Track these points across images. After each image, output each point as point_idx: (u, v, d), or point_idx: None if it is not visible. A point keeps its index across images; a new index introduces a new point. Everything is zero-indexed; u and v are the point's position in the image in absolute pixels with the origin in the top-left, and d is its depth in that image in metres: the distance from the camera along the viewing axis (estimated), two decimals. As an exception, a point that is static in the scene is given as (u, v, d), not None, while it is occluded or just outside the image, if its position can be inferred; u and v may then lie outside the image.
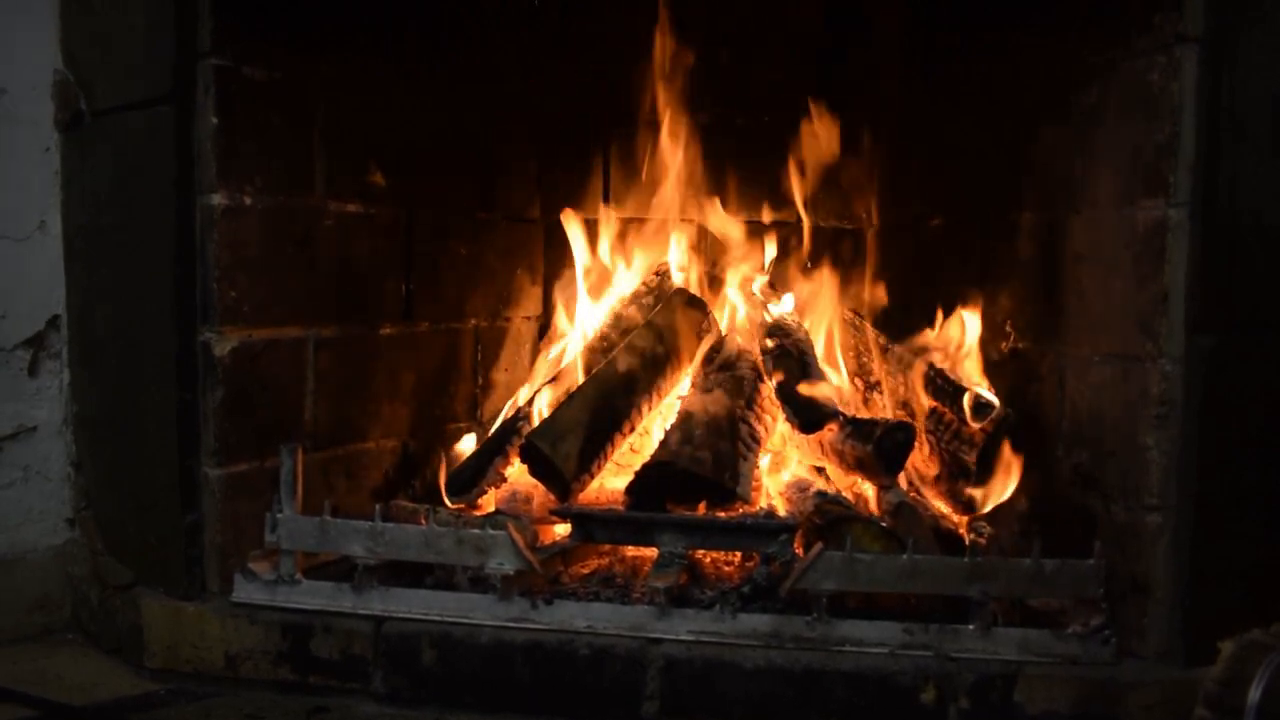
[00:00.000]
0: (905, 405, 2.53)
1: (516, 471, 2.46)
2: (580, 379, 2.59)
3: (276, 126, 2.15)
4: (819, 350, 2.63)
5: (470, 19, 2.62)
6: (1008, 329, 2.35)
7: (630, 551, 2.28)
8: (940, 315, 2.53)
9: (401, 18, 2.40)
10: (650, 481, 2.26)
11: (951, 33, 2.55)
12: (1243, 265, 1.82)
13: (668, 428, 2.43)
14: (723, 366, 2.58)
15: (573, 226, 2.89)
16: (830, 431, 2.39)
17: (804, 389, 2.37)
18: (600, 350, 2.74)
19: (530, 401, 2.60)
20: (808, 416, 2.36)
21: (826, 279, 2.84)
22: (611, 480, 2.55)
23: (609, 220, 3.00)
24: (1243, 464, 1.83)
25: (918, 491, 2.43)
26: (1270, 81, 1.80)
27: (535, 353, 2.97)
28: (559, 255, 3.00)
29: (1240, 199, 1.81)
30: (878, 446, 2.27)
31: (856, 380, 2.73)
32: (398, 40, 2.41)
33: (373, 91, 2.37)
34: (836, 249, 2.91)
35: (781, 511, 2.30)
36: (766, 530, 2.05)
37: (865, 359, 2.74)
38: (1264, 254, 1.82)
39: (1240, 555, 1.83)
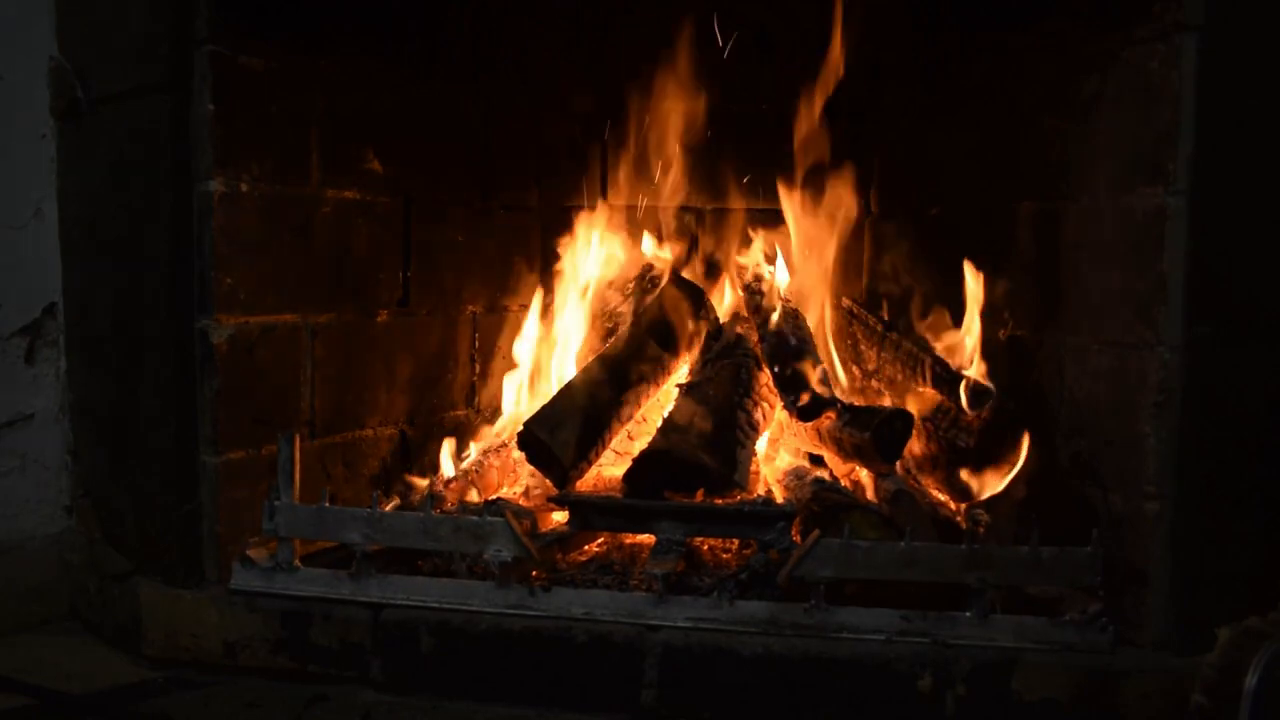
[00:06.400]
0: (903, 393, 2.53)
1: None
2: (578, 367, 2.59)
3: (274, 115, 2.15)
4: (817, 338, 2.63)
5: (468, 12, 2.60)
6: (1006, 317, 2.35)
7: (628, 539, 2.29)
8: (938, 303, 2.53)
9: (400, 11, 2.39)
10: (648, 469, 2.25)
11: (952, 32, 2.54)
12: (1242, 253, 1.82)
13: (666, 415, 2.43)
14: (721, 354, 2.58)
15: (569, 216, 2.89)
16: (828, 419, 2.39)
17: (802, 377, 2.37)
18: (598, 338, 2.74)
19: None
20: (806, 404, 2.36)
21: (825, 267, 2.83)
22: (610, 468, 2.55)
23: (607, 208, 2.99)
24: (1241, 453, 1.83)
25: (915, 479, 2.43)
26: (1270, 70, 1.80)
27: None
28: (557, 244, 2.99)
29: (1239, 187, 1.81)
30: (875, 434, 2.27)
31: (854, 368, 2.73)
32: (396, 32, 2.40)
33: (371, 81, 2.36)
34: (834, 237, 2.90)
35: (779, 499, 2.30)
36: (764, 518, 2.05)
37: (863, 347, 2.74)
38: (1263, 242, 1.82)
39: (1238, 544, 1.84)
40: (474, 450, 2.57)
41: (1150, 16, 1.86)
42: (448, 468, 2.48)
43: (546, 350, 2.83)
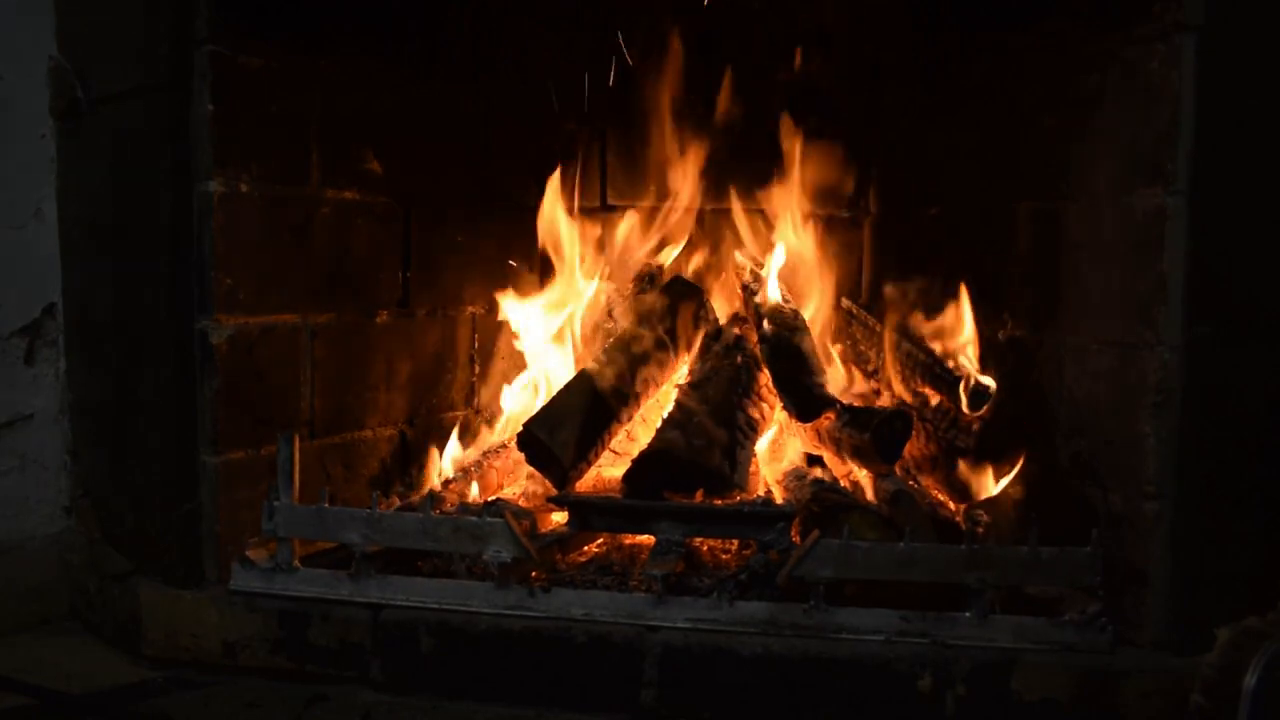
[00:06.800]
0: (902, 393, 2.53)
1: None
2: (577, 368, 2.59)
3: (273, 115, 2.15)
4: (816, 338, 2.62)
5: (468, 12, 2.60)
6: (1005, 317, 2.35)
7: (628, 539, 2.29)
8: (938, 303, 2.52)
9: (400, 11, 2.38)
10: (647, 469, 2.25)
11: (952, 32, 2.54)
12: (1242, 253, 1.82)
13: (665, 416, 2.43)
14: (720, 355, 2.58)
15: (569, 214, 2.89)
16: (827, 420, 2.39)
17: (801, 377, 2.37)
18: (598, 338, 2.74)
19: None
20: (805, 405, 2.36)
21: (824, 267, 2.83)
22: (610, 468, 2.55)
23: (606, 209, 2.99)
24: (1241, 453, 1.83)
25: (915, 479, 2.43)
26: (1270, 70, 1.80)
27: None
28: (556, 244, 2.98)
29: (1239, 187, 1.81)
30: (875, 435, 2.27)
31: (853, 368, 2.73)
32: (396, 32, 2.40)
33: (371, 81, 2.36)
34: (834, 237, 2.90)
35: (779, 499, 2.30)
36: (763, 518, 2.05)
37: (862, 347, 2.74)
38: (1263, 242, 1.82)
39: (1238, 544, 1.83)
40: (473, 450, 2.57)
41: (1150, 16, 1.86)
42: (446, 468, 2.48)
43: (547, 351, 2.83)
